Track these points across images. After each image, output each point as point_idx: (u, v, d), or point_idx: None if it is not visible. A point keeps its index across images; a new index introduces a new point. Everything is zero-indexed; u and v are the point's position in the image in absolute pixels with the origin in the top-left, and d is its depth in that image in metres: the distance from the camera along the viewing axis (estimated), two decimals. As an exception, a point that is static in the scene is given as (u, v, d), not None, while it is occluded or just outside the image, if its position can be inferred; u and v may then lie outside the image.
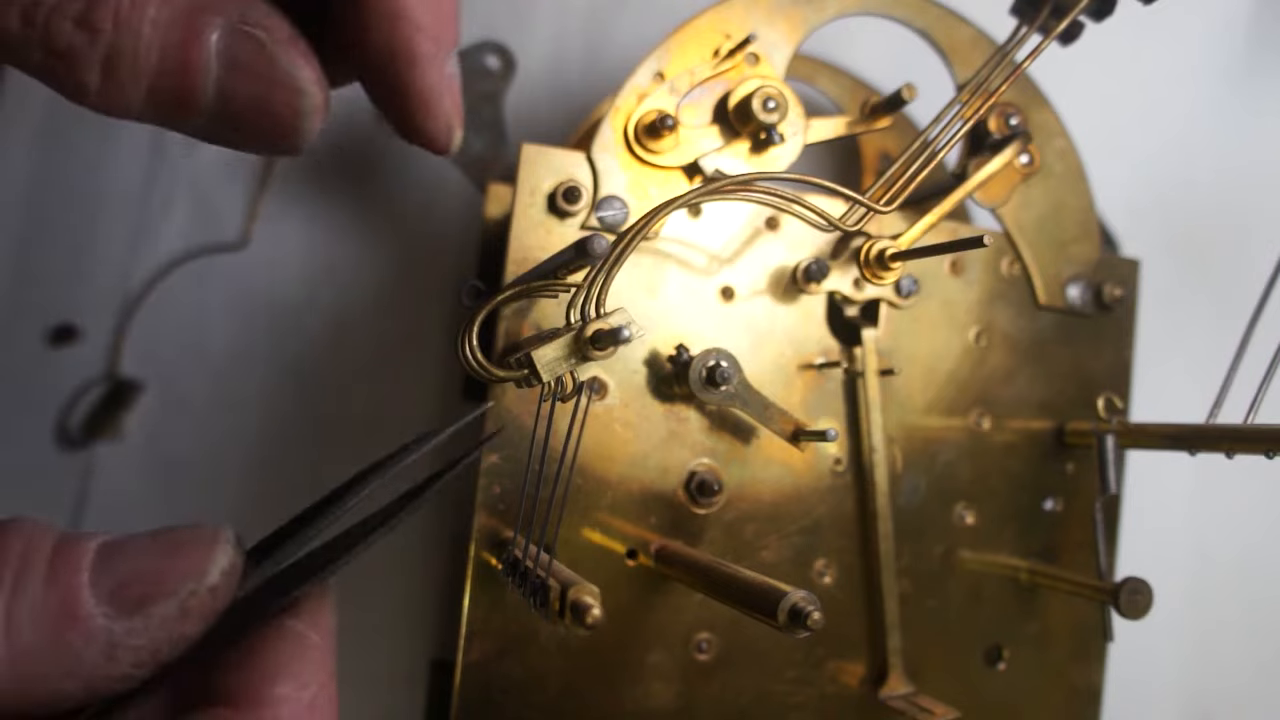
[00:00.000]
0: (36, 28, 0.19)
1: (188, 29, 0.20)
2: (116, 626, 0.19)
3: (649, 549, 0.34)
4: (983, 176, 0.36)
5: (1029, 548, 0.38)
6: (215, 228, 0.44)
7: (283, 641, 0.21)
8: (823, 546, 0.36)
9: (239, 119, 0.21)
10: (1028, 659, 0.38)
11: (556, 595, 0.26)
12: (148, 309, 0.43)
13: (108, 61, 0.20)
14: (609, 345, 0.26)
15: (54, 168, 0.43)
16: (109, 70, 0.20)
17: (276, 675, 0.20)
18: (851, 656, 0.36)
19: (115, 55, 0.20)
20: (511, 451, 0.33)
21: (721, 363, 0.33)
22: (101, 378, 0.42)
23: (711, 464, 0.35)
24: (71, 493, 0.42)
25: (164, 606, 0.19)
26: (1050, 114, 0.39)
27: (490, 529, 0.33)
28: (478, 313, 0.28)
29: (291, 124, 0.22)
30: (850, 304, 0.37)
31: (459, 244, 0.45)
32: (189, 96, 0.21)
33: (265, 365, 0.44)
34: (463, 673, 0.32)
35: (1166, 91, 0.51)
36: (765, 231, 0.36)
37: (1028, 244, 0.39)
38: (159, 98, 0.21)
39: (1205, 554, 0.49)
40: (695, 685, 0.35)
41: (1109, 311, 0.39)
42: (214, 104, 0.21)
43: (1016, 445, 0.38)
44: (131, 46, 0.20)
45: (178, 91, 0.21)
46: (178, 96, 0.21)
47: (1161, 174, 0.50)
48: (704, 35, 0.35)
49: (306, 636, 0.21)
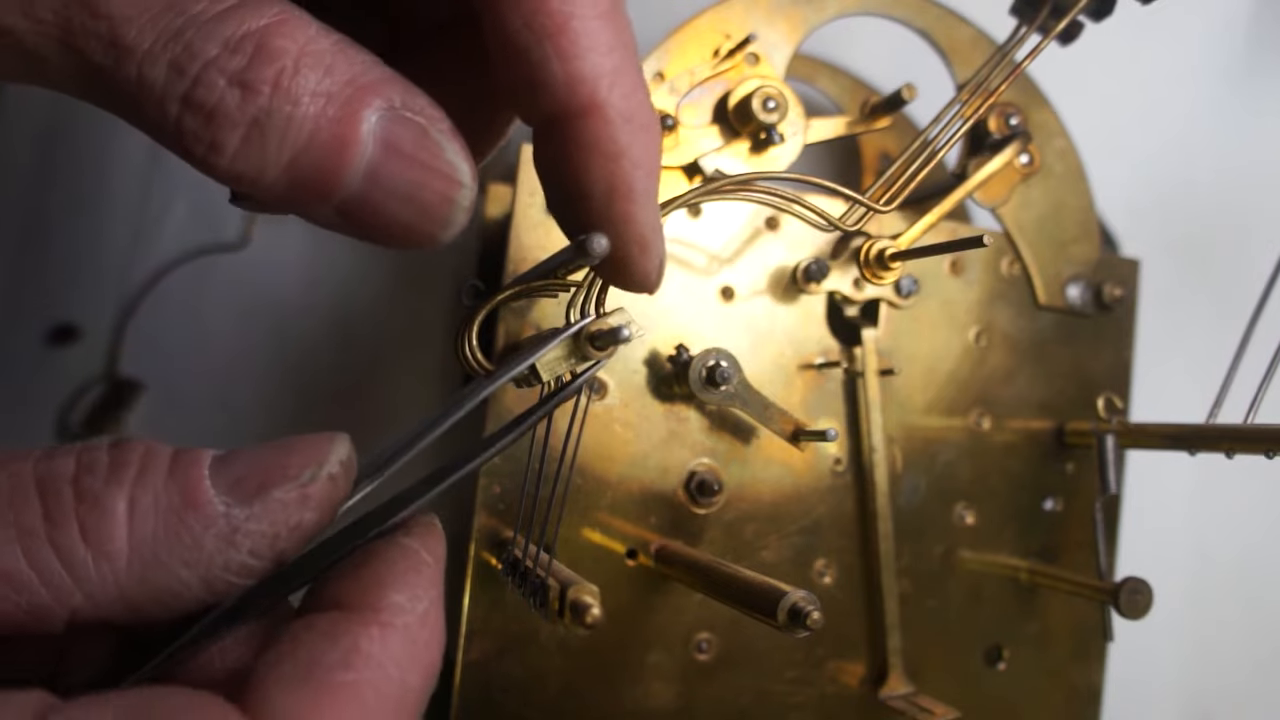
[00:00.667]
0: (185, 79, 0.19)
1: (348, 105, 0.20)
2: (236, 512, 0.19)
3: (649, 549, 0.34)
4: (983, 176, 0.36)
5: (1029, 548, 0.38)
6: (215, 228, 0.44)
7: (397, 555, 0.20)
8: (823, 546, 0.36)
9: (382, 206, 0.21)
10: (1028, 659, 0.38)
11: (556, 595, 0.26)
12: (148, 309, 0.43)
13: (255, 125, 0.19)
14: (609, 345, 0.26)
15: (54, 168, 0.43)
16: (253, 135, 0.19)
17: (390, 584, 0.20)
18: (851, 656, 0.36)
19: (265, 120, 0.19)
20: (511, 451, 0.33)
21: (721, 362, 0.33)
22: (101, 377, 0.42)
23: (711, 464, 0.35)
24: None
25: (284, 490, 0.19)
26: (1050, 114, 0.39)
27: (490, 529, 0.33)
28: (477, 312, 0.28)
29: (443, 215, 0.21)
30: (850, 304, 0.37)
31: (459, 244, 0.44)
32: (334, 176, 0.20)
33: (265, 365, 0.43)
34: (462, 672, 0.32)
35: (1166, 91, 0.51)
36: (765, 231, 0.36)
37: (1028, 244, 0.39)
38: (300, 173, 0.20)
39: (1205, 554, 0.49)
40: (695, 685, 0.34)
41: (1109, 311, 0.39)
42: (359, 187, 0.20)
43: (1016, 445, 0.38)
44: (286, 114, 0.19)
45: (323, 169, 0.20)
46: (322, 174, 0.20)
47: (1161, 174, 0.50)
48: (704, 35, 0.35)
49: (419, 553, 0.21)
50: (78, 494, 0.18)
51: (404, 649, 0.19)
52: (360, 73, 0.20)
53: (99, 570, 0.18)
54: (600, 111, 0.21)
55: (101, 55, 0.19)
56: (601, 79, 0.21)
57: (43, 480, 0.18)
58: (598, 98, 0.21)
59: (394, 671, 0.19)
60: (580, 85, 0.21)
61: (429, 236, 0.22)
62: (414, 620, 0.20)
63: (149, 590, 0.18)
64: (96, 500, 0.18)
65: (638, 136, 0.22)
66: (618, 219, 0.22)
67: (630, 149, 0.22)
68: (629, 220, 0.22)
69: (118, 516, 0.18)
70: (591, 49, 0.21)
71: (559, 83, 0.21)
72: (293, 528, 0.20)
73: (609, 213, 0.22)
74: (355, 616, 0.19)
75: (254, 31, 0.19)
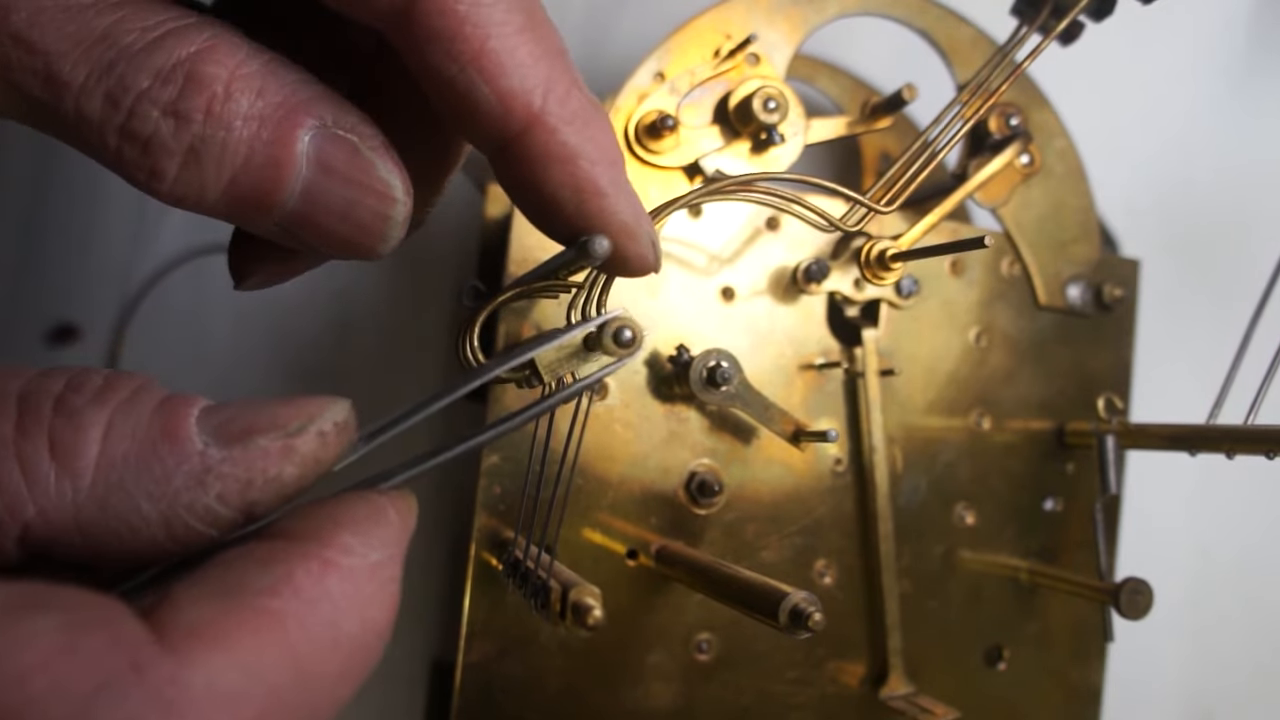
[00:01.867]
0: (120, 111, 0.19)
1: (280, 127, 0.20)
2: (213, 452, 0.18)
3: (649, 549, 0.34)
4: (983, 177, 0.36)
5: (1029, 548, 0.38)
6: (215, 228, 0.43)
7: (360, 503, 0.20)
8: (823, 547, 0.36)
9: (319, 223, 0.21)
10: (1028, 659, 0.38)
11: (558, 597, 0.26)
12: (148, 309, 0.43)
13: (191, 152, 0.20)
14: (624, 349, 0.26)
15: (54, 168, 0.43)
16: (190, 161, 0.20)
17: (346, 525, 0.19)
18: (852, 657, 0.36)
19: (200, 146, 0.20)
20: (512, 452, 0.33)
21: (722, 363, 0.33)
22: (101, 378, 0.42)
23: (712, 464, 0.35)
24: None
25: (268, 439, 0.19)
26: (1050, 114, 0.39)
27: (490, 529, 0.33)
28: (478, 313, 0.28)
29: (378, 231, 0.22)
30: (851, 304, 0.36)
31: (459, 244, 0.44)
32: (271, 196, 0.20)
33: (265, 365, 0.43)
34: (463, 673, 0.32)
35: (1166, 91, 0.51)
36: (765, 232, 0.36)
37: (1028, 244, 0.39)
38: (239, 192, 0.20)
39: (1206, 553, 0.49)
40: (696, 686, 0.35)
41: (1109, 311, 0.39)
42: (295, 205, 0.21)
43: (1017, 445, 0.38)
44: (220, 139, 0.20)
45: (260, 189, 0.20)
46: (259, 194, 0.20)
47: (1161, 173, 0.50)
48: (704, 35, 0.35)
49: (386, 509, 0.20)
50: (57, 408, 0.18)
51: (344, 592, 0.18)
52: (291, 93, 0.21)
53: (59, 487, 0.18)
54: (541, 122, 0.21)
55: (40, 90, 0.19)
56: (533, 92, 0.21)
57: (27, 393, 0.18)
58: (533, 110, 0.21)
59: (327, 612, 0.17)
60: (514, 102, 0.21)
61: (367, 250, 0.22)
62: (362, 566, 0.18)
63: (106, 518, 0.18)
64: (74, 415, 0.18)
65: (585, 134, 0.22)
66: (595, 216, 0.23)
67: (582, 148, 0.22)
68: (606, 214, 0.23)
69: (90, 435, 0.18)
70: (516, 65, 0.21)
71: (492, 105, 0.21)
72: (270, 479, 0.19)
73: (585, 213, 0.22)
74: (297, 548, 0.18)
75: (184, 60, 0.19)
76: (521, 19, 0.21)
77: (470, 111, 0.21)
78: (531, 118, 0.21)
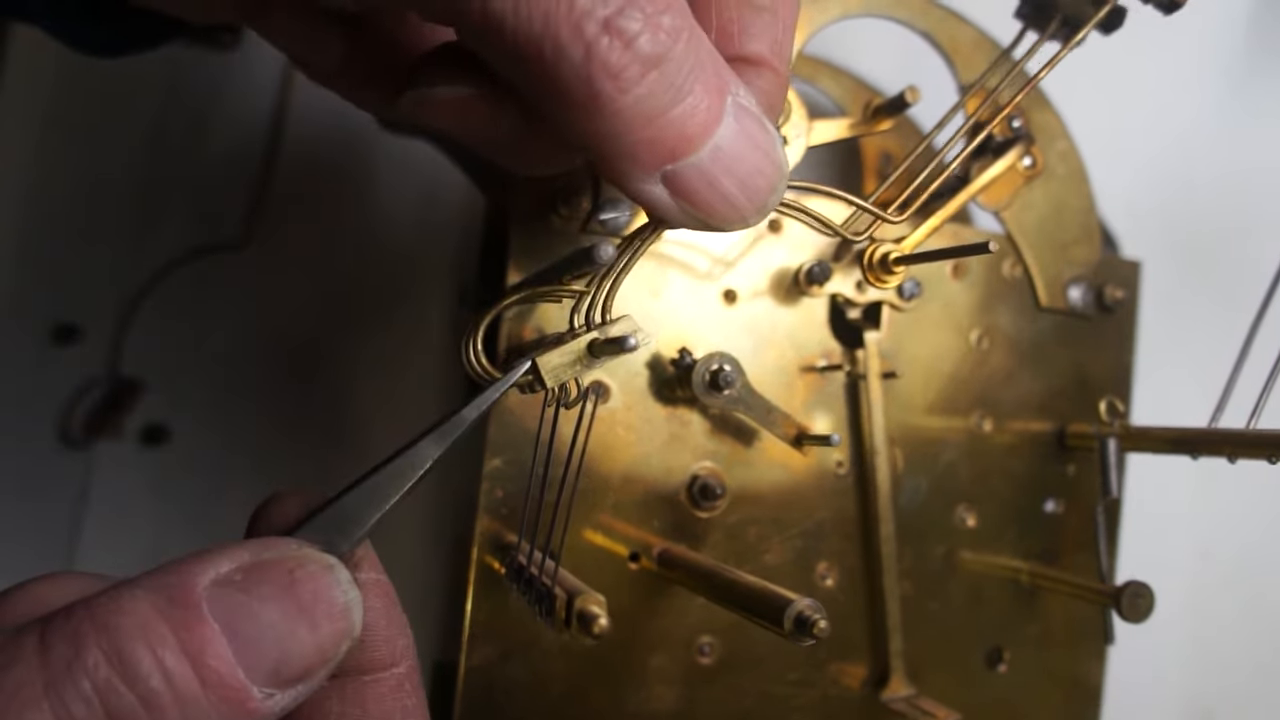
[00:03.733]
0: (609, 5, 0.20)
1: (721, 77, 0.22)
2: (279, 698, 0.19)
3: (652, 552, 0.34)
4: (986, 180, 0.36)
5: (1030, 549, 0.38)
6: (215, 228, 0.44)
7: None
8: (825, 549, 0.36)
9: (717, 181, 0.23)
10: (1029, 661, 0.38)
11: (563, 604, 0.26)
12: (148, 309, 0.43)
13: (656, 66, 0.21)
14: (615, 353, 0.26)
15: (55, 168, 0.43)
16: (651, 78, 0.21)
17: None
18: (853, 659, 0.36)
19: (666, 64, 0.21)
20: (514, 455, 0.33)
21: (725, 366, 0.33)
22: (102, 378, 0.42)
23: (714, 467, 0.35)
24: (73, 491, 0.42)
25: (324, 671, 0.20)
26: (1052, 116, 0.38)
27: (492, 533, 0.33)
28: (482, 318, 0.28)
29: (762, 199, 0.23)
30: (852, 306, 0.36)
31: (459, 244, 0.44)
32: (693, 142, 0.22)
33: (265, 365, 0.43)
34: (465, 676, 0.32)
35: (1169, 94, 0.51)
36: (767, 234, 0.36)
37: (1029, 246, 0.39)
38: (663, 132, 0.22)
39: (1206, 555, 0.49)
40: (698, 688, 0.35)
41: (1110, 313, 0.39)
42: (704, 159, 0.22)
43: (1018, 447, 0.38)
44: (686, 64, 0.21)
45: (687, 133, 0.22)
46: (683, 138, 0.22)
47: (1163, 176, 0.50)
48: (707, 37, 0.35)
49: None
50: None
51: None
52: (722, 61, 0.22)
53: None
54: None
55: None
56: None
57: None
58: None
59: None
60: None
61: (742, 220, 0.23)
62: None
63: None
64: None
65: None
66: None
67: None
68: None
69: None
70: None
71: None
72: None
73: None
74: None
75: None
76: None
77: None
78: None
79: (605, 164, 0.22)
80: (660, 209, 0.23)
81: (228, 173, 0.44)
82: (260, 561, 0.20)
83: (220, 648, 0.19)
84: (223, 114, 0.44)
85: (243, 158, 0.44)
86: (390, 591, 0.24)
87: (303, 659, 0.19)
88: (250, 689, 0.19)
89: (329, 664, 0.20)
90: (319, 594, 0.20)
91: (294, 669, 0.19)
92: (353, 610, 0.21)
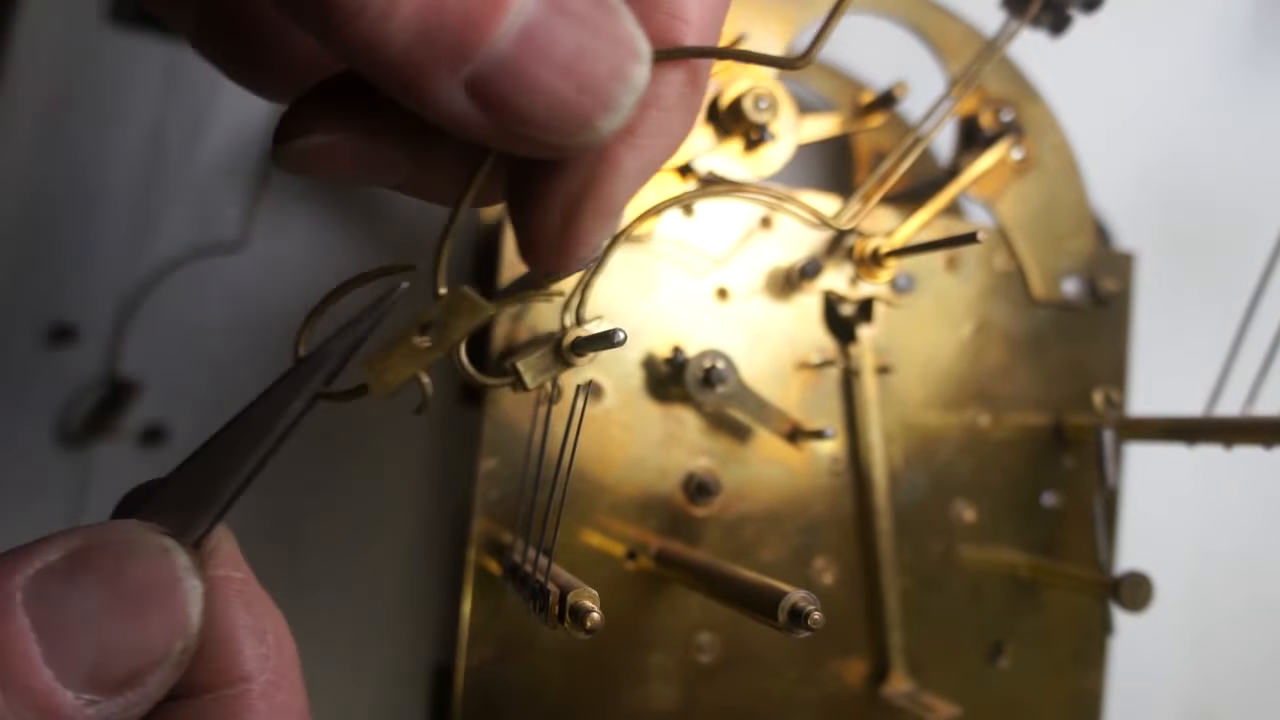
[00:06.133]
0: None
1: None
2: (105, 706, 0.17)
3: (649, 551, 0.34)
4: (976, 172, 0.36)
5: (1029, 543, 0.38)
6: (215, 228, 0.44)
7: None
8: (822, 545, 0.36)
9: (533, 76, 0.16)
10: (1029, 655, 0.38)
11: (556, 600, 0.26)
12: (147, 309, 0.43)
13: None
14: (587, 352, 0.26)
15: (53, 167, 0.43)
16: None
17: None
18: (853, 655, 0.36)
19: None
20: (509, 456, 0.33)
21: (718, 364, 0.33)
22: (101, 378, 0.42)
23: (709, 465, 0.35)
24: (71, 493, 0.42)
25: (161, 673, 0.17)
26: (1043, 108, 0.38)
27: (489, 533, 0.33)
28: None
29: (606, 93, 0.17)
30: (846, 302, 0.36)
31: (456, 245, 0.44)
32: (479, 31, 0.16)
33: (265, 366, 0.43)
34: (464, 678, 0.32)
35: (1162, 85, 0.51)
36: (759, 231, 0.36)
37: (1023, 239, 0.39)
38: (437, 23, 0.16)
39: (1206, 546, 0.49)
40: (697, 686, 0.34)
41: (1105, 305, 0.39)
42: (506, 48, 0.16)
43: (1015, 440, 0.38)
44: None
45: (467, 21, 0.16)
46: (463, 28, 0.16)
47: (1156, 167, 0.50)
48: (695, 35, 0.35)
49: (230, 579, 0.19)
50: None
51: None
52: None
53: None
54: None
55: None
56: None
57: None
58: None
59: None
60: None
61: (583, 123, 0.17)
62: None
63: None
64: None
65: None
66: None
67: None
68: None
69: None
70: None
71: None
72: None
73: None
74: None
75: None
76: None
77: None
78: None
79: (391, 87, 0.17)
80: (470, 128, 0.17)
81: (227, 173, 0.44)
82: (88, 546, 0.17)
83: (25, 645, 0.16)
84: (223, 114, 0.44)
85: (242, 157, 0.44)
86: (249, 590, 0.20)
87: (127, 659, 0.17)
88: (61, 693, 0.16)
89: (161, 666, 0.17)
90: (149, 582, 0.17)
91: (116, 671, 0.17)
92: (189, 602, 0.17)
